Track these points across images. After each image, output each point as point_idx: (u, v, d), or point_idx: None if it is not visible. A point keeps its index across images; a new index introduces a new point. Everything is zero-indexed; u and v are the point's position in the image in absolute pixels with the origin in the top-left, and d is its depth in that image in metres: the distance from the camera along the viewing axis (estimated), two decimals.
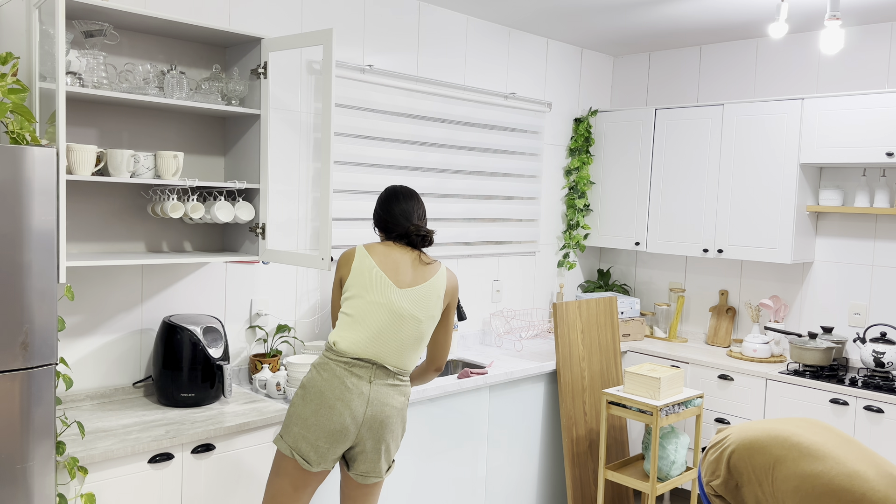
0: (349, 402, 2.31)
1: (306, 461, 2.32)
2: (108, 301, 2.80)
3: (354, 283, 2.41)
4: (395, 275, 2.43)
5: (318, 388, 2.33)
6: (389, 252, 2.47)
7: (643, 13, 3.81)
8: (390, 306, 2.39)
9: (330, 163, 2.75)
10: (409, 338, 2.41)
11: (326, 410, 2.30)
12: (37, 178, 2.02)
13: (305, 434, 2.31)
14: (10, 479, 2.01)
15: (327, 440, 2.31)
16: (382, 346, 2.37)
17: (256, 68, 2.87)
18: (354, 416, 2.31)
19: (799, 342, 3.68)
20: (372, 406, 2.34)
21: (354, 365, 2.34)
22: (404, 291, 2.42)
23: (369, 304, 2.38)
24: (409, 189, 2.61)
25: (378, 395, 2.35)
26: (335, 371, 2.33)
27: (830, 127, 3.67)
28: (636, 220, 4.44)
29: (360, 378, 2.33)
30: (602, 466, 3.54)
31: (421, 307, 2.44)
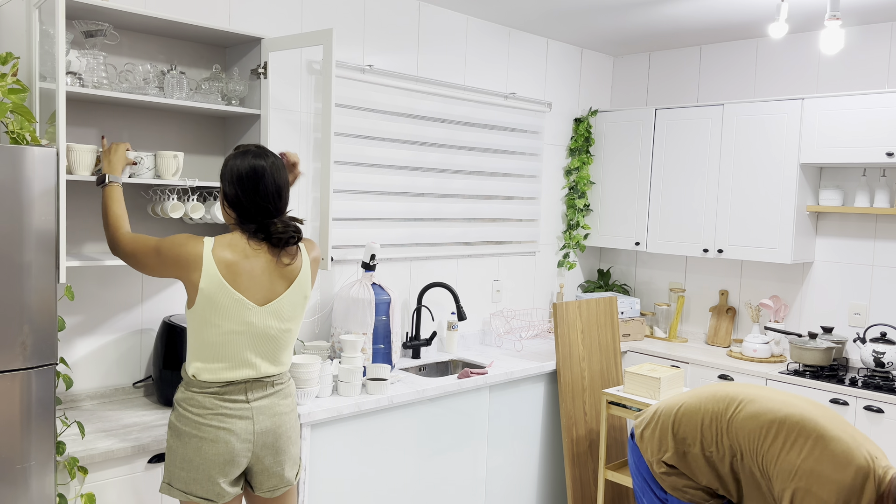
0: (231, 428, 2.11)
1: (209, 500, 2.12)
2: (108, 301, 2.80)
3: (203, 306, 2.07)
4: (251, 289, 2.11)
5: (192, 424, 2.10)
6: (241, 258, 2.11)
7: (643, 13, 3.81)
8: (252, 331, 2.12)
9: (330, 163, 2.75)
10: (281, 346, 2.21)
11: (209, 445, 2.09)
12: (37, 178, 2.02)
13: (195, 476, 2.10)
14: (10, 479, 2.01)
15: (220, 473, 2.11)
16: (251, 366, 2.15)
17: (256, 68, 2.87)
18: (242, 439, 2.13)
19: (799, 342, 3.68)
20: (258, 422, 2.15)
21: (225, 391, 2.12)
22: (265, 309, 2.14)
23: (226, 334, 2.10)
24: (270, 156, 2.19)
25: (261, 409, 2.16)
26: (204, 403, 2.11)
27: (830, 127, 3.67)
28: (636, 220, 4.44)
29: (234, 401, 2.13)
30: (602, 466, 3.54)
31: (287, 318, 2.19)
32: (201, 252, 2.08)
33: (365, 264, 3.33)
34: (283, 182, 2.20)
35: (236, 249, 2.13)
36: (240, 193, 2.14)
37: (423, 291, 3.72)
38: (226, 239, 2.14)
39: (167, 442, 2.18)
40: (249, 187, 2.14)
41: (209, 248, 2.09)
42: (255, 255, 2.14)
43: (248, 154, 2.18)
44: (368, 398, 2.93)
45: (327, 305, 3.44)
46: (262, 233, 2.14)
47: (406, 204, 3.72)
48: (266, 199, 2.15)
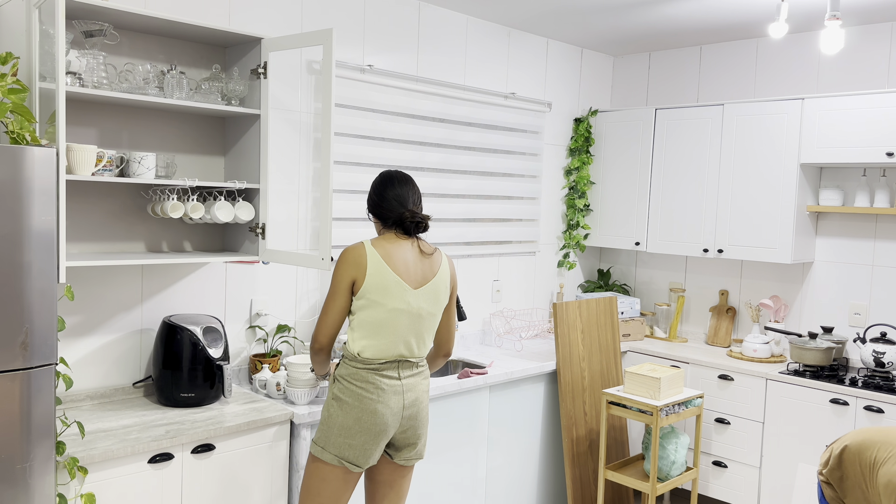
0: (387, 402, 2.40)
1: (356, 465, 2.41)
2: (108, 301, 2.80)
3: (371, 289, 2.40)
4: (407, 275, 2.44)
5: (355, 396, 2.39)
6: (396, 249, 2.45)
7: (643, 13, 3.81)
8: (409, 310, 2.44)
9: (330, 163, 2.75)
10: (426, 331, 2.50)
11: (369, 416, 2.38)
12: (37, 178, 2.02)
13: (350, 442, 2.38)
14: (10, 479, 2.01)
15: (373, 441, 2.41)
16: (405, 345, 2.45)
17: (256, 68, 2.87)
18: (394, 412, 2.42)
19: (799, 342, 3.68)
20: (406, 397, 2.45)
21: (383, 368, 2.42)
22: (419, 292, 2.46)
23: (391, 311, 2.41)
24: (404, 174, 2.57)
25: (408, 386, 2.47)
26: (367, 378, 2.40)
27: (830, 127, 3.67)
28: (636, 220, 4.44)
29: (390, 378, 2.43)
30: (602, 466, 3.54)
31: (434, 302, 2.50)
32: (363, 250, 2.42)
33: None
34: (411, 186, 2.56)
35: (387, 240, 2.47)
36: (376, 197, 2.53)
37: None
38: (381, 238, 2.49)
39: (327, 410, 2.44)
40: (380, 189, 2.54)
41: (367, 244, 2.44)
42: (403, 245, 2.47)
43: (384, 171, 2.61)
44: None
45: None
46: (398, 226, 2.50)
47: None
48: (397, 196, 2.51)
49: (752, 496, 3.73)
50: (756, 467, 3.72)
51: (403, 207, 2.49)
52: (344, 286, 2.42)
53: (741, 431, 3.76)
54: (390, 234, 2.50)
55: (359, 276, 2.40)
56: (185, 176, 2.90)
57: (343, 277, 2.42)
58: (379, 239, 2.48)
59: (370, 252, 2.42)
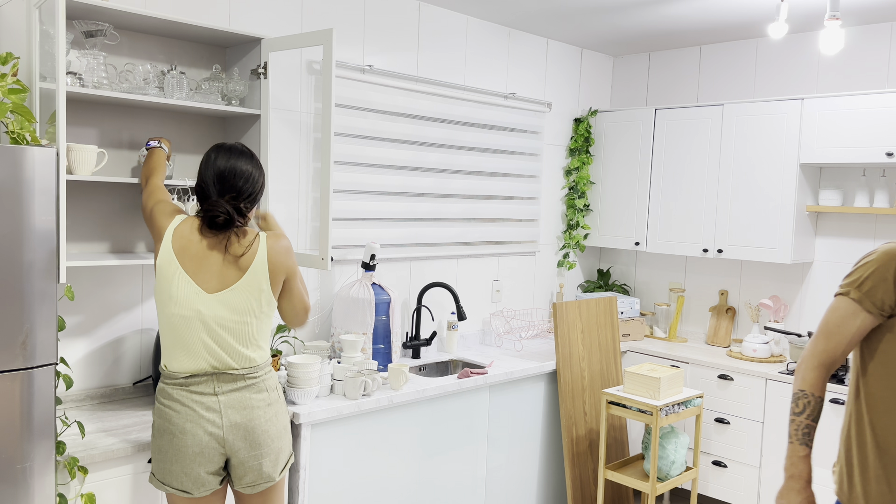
0: (197, 421, 2.11)
1: (184, 491, 2.13)
2: (108, 301, 2.80)
3: (160, 274, 2.09)
4: (200, 274, 2.09)
5: (164, 416, 2.13)
6: (196, 240, 2.10)
7: (643, 13, 3.81)
8: (202, 318, 2.09)
9: (330, 163, 2.75)
10: (241, 339, 2.15)
11: (180, 437, 2.10)
12: (37, 178, 2.02)
13: (170, 467, 2.12)
14: (10, 479, 2.01)
15: (192, 464, 2.12)
16: (213, 356, 2.12)
17: (256, 68, 2.87)
18: (211, 432, 2.12)
19: (799, 342, 3.68)
20: (227, 416, 2.13)
21: (192, 382, 2.12)
22: (215, 297, 2.10)
23: (177, 317, 2.10)
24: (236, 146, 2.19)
25: (230, 403, 2.13)
26: (174, 395, 2.13)
27: (830, 127, 3.67)
28: (636, 220, 4.44)
29: (203, 394, 2.12)
30: (602, 466, 3.54)
31: (242, 310, 2.13)
32: (167, 225, 2.14)
33: (365, 264, 3.33)
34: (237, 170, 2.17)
35: (192, 227, 2.15)
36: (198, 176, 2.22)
37: (422, 291, 3.72)
38: (191, 219, 2.18)
39: (152, 434, 2.22)
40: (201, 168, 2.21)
41: (175, 223, 2.13)
42: (209, 237, 2.14)
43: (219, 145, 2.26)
44: (368, 398, 2.93)
45: (327, 305, 3.44)
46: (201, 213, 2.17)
47: (406, 204, 3.72)
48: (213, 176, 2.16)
49: (751, 496, 3.73)
50: (756, 467, 3.72)
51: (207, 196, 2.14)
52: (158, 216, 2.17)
53: (741, 431, 3.76)
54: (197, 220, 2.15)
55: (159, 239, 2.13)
56: (185, 176, 2.89)
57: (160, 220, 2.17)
58: (188, 220, 2.15)
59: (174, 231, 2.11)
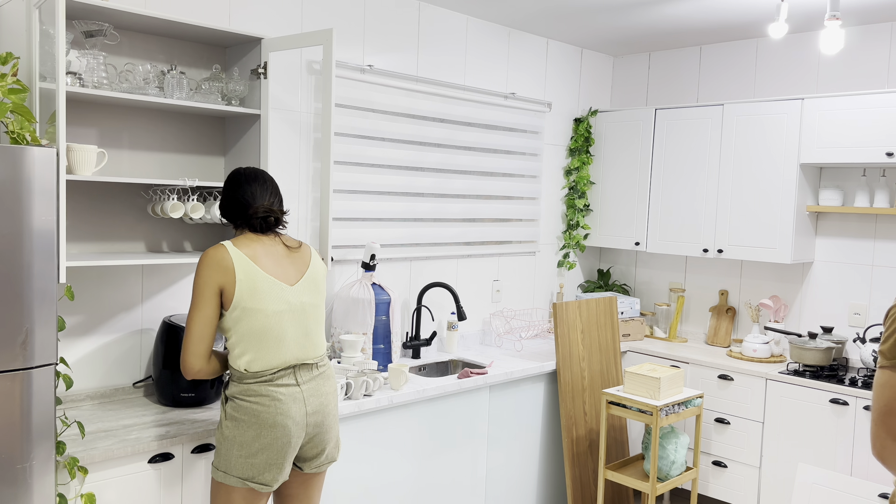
0: (287, 412, 2.22)
1: (265, 485, 2.23)
2: (108, 301, 2.80)
3: (245, 296, 2.21)
4: (280, 272, 2.29)
5: (250, 412, 2.21)
6: (260, 246, 2.30)
7: (643, 13, 3.81)
8: (291, 309, 2.28)
9: (330, 163, 2.75)
10: (315, 326, 2.35)
11: (269, 430, 2.20)
12: (37, 178, 2.02)
13: (253, 461, 2.20)
14: (10, 479, 2.01)
15: (278, 457, 2.23)
16: (297, 348, 2.28)
17: (256, 68, 2.87)
18: (297, 422, 2.25)
19: (799, 342, 3.68)
20: (309, 404, 2.28)
21: (277, 377, 2.24)
22: (297, 287, 2.31)
23: (272, 315, 2.23)
24: (256, 170, 2.42)
25: (310, 392, 2.30)
26: (261, 391, 2.22)
27: (830, 127, 3.67)
28: (636, 220, 4.44)
29: (287, 386, 2.25)
30: (602, 466, 3.54)
31: (315, 294, 2.37)
32: (226, 254, 2.24)
33: (365, 264, 3.33)
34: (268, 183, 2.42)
35: (249, 239, 2.32)
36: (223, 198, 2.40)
37: (423, 291, 3.72)
38: (241, 237, 2.33)
39: (222, 433, 2.25)
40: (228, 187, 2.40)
41: (229, 246, 2.26)
42: (266, 242, 2.33)
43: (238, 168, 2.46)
44: (369, 398, 2.93)
45: (327, 305, 3.44)
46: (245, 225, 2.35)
47: (406, 204, 3.72)
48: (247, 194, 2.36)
49: (751, 496, 3.73)
50: (756, 467, 3.72)
51: (250, 205, 2.33)
52: (210, 293, 2.20)
53: (741, 431, 3.76)
54: (246, 234, 2.33)
55: (227, 282, 2.20)
56: (185, 176, 2.90)
57: (208, 283, 2.20)
58: (239, 239, 2.30)
59: (235, 254, 2.23)
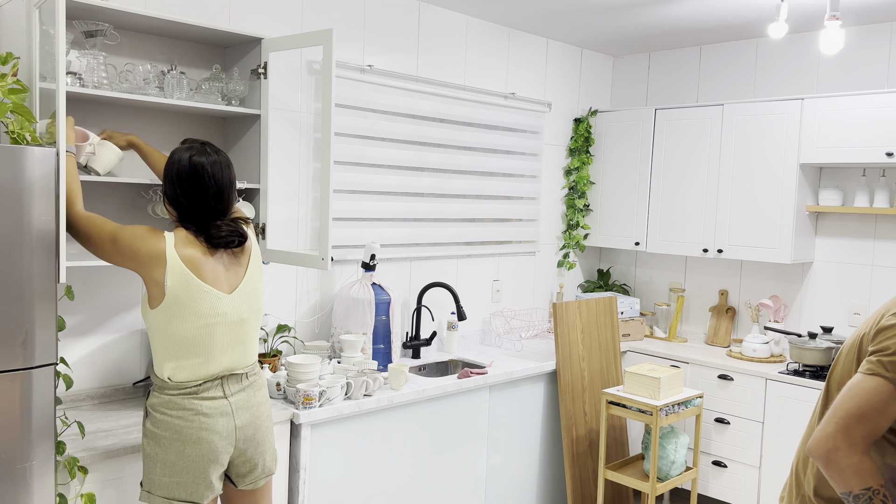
0: (213, 427, 2.09)
1: (192, 502, 2.10)
2: (108, 301, 2.80)
3: (173, 301, 2.03)
4: (216, 277, 2.10)
5: (172, 429, 2.07)
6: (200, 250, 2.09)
7: (643, 13, 3.81)
8: (225, 319, 2.10)
9: (330, 163, 2.75)
10: (251, 334, 2.20)
11: (192, 447, 2.07)
12: (37, 178, 2.02)
13: (178, 480, 2.07)
14: (10, 479, 2.01)
15: (204, 474, 2.09)
16: (228, 359, 2.13)
17: (256, 68, 2.87)
18: (224, 437, 2.11)
19: (799, 342, 3.68)
20: (238, 416, 2.14)
21: (202, 389, 2.10)
22: (233, 296, 2.13)
23: (201, 327, 2.07)
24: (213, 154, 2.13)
25: (239, 403, 2.15)
26: (184, 404, 2.08)
27: (830, 127, 3.67)
28: (636, 220, 4.44)
29: (214, 399, 2.10)
30: (602, 466, 3.54)
31: (253, 300, 2.18)
32: (164, 248, 2.05)
33: (365, 264, 3.33)
34: (227, 182, 2.15)
35: (192, 238, 2.11)
36: (179, 192, 2.11)
37: (423, 291, 3.72)
38: (182, 233, 2.12)
39: (144, 450, 2.13)
40: (187, 186, 2.10)
41: (171, 244, 2.06)
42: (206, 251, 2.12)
43: (191, 150, 2.14)
44: (369, 398, 2.93)
45: (327, 305, 3.44)
46: (202, 234, 2.11)
47: (406, 204, 3.72)
48: (206, 199, 2.11)
49: (751, 496, 3.73)
50: (756, 467, 3.72)
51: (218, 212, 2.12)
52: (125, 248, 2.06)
53: (741, 431, 3.76)
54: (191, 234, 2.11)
55: (146, 277, 2.06)
56: None
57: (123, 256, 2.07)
58: (180, 236, 2.09)
59: (171, 255, 2.04)
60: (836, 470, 1.58)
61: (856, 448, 1.57)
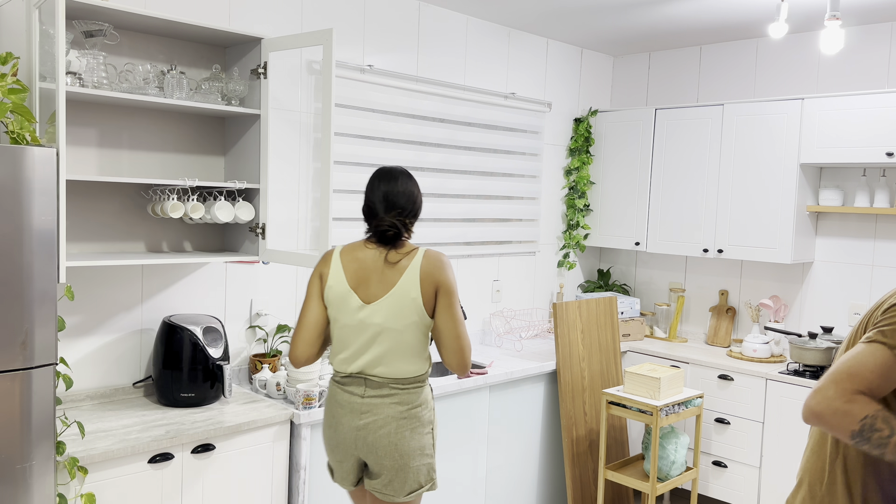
0: (340, 419, 2.31)
1: (331, 474, 2.41)
2: (108, 301, 2.80)
3: (331, 302, 2.29)
4: (362, 287, 2.27)
5: (327, 404, 2.38)
6: (360, 259, 2.29)
7: (643, 13, 3.81)
8: (361, 326, 2.26)
9: (330, 163, 2.75)
10: (392, 349, 2.26)
11: (334, 424, 2.33)
12: (37, 178, 2.02)
13: (327, 450, 2.39)
14: (10, 479, 2.01)
15: (337, 453, 2.34)
16: (366, 361, 2.27)
17: (256, 68, 2.87)
18: (347, 431, 2.29)
19: (799, 342, 3.68)
20: (362, 418, 2.27)
21: (347, 382, 2.31)
22: (372, 307, 2.25)
23: (343, 327, 2.28)
24: (392, 169, 2.34)
25: (369, 407, 2.27)
26: (333, 389, 2.36)
27: (830, 127, 3.67)
28: (636, 220, 4.44)
29: (352, 394, 2.30)
30: (602, 466, 3.54)
31: (394, 317, 2.25)
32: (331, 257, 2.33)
33: None
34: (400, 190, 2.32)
35: (356, 249, 2.33)
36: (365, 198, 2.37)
37: None
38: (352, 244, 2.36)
39: None
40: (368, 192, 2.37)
41: (338, 252, 2.34)
42: (372, 254, 2.30)
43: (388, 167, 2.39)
44: None
45: None
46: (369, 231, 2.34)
47: None
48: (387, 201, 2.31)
49: (751, 496, 3.73)
50: (756, 467, 3.72)
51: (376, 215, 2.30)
52: (312, 290, 2.32)
53: (741, 431, 3.76)
54: (360, 241, 2.35)
55: (322, 282, 2.31)
56: (185, 176, 2.90)
57: (312, 282, 2.33)
58: (351, 246, 2.34)
59: (335, 260, 2.31)
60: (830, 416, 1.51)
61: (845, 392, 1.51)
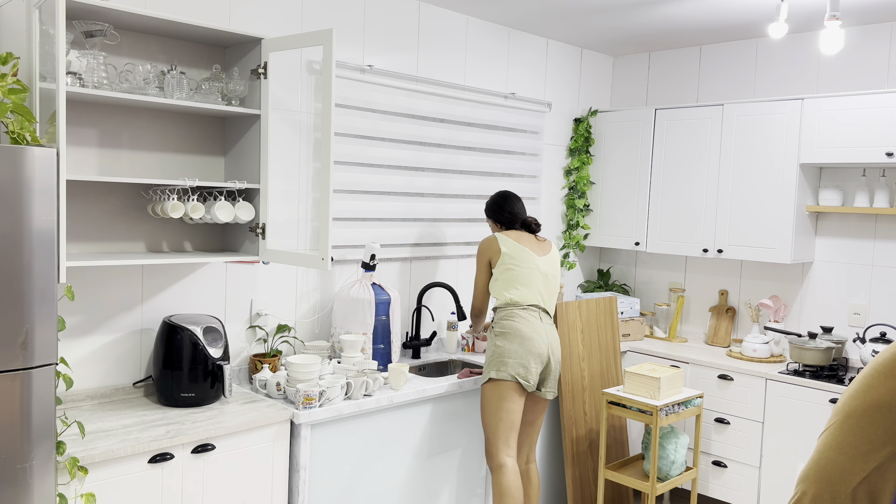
0: (538, 332, 3.12)
1: (526, 381, 3.07)
2: (108, 301, 2.80)
3: (508, 258, 3.18)
4: (534, 248, 3.25)
5: (515, 329, 3.11)
6: (522, 235, 3.27)
7: (643, 13, 3.82)
8: (539, 269, 3.21)
9: (330, 163, 2.75)
10: (553, 289, 3.28)
11: (529, 342, 3.09)
12: (37, 178, 2.02)
13: (520, 362, 3.07)
14: (10, 479, 2.01)
15: (536, 362, 3.10)
16: (541, 295, 3.20)
17: (256, 68, 2.87)
18: (545, 342, 3.14)
19: (799, 342, 3.68)
20: (548, 336, 3.18)
21: (529, 309, 3.16)
22: (543, 258, 3.25)
23: (527, 268, 3.18)
24: (513, 193, 3.42)
25: (547, 328, 3.20)
26: (521, 315, 3.13)
27: (830, 127, 3.67)
28: (636, 220, 4.44)
29: (536, 318, 3.16)
30: (602, 466, 3.54)
31: (553, 266, 3.30)
32: (495, 239, 3.24)
33: (365, 264, 3.33)
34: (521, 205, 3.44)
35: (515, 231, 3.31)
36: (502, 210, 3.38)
37: (423, 291, 3.72)
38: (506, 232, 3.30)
39: (493, 348, 3.14)
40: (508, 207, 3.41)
41: (498, 235, 3.26)
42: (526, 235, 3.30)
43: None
44: (369, 398, 2.93)
45: (327, 305, 3.44)
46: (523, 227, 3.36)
47: (406, 204, 3.72)
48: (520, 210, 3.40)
49: (751, 496, 3.73)
50: (756, 467, 3.72)
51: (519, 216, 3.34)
52: (482, 265, 3.28)
53: (741, 431, 3.76)
54: (512, 231, 3.30)
55: (493, 255, 3.23)
56: (185, 176, 2.90)
57: (481, 259, 3.28)
58: (506, 233, 3.28)
59: (501, 239, 3.23)
60: None
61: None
